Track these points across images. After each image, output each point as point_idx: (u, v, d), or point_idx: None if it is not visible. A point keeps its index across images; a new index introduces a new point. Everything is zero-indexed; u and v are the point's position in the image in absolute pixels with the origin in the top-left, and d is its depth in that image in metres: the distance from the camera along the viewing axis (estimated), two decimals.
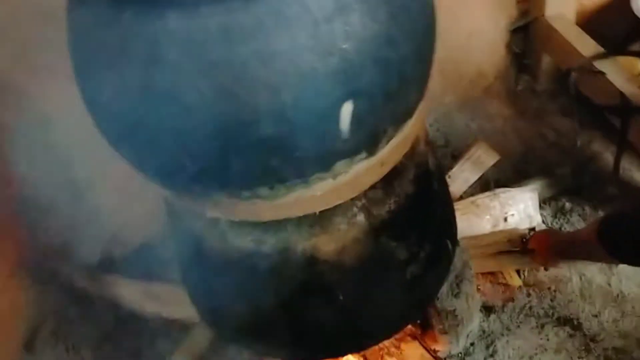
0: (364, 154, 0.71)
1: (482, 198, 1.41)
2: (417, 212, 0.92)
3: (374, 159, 0.74)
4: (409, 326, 1.20)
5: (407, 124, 0.77)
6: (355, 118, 0.64)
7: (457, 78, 1.67)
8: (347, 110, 0.64)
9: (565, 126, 1.63)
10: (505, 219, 1.40)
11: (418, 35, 0.70)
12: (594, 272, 1.34)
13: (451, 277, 1.14)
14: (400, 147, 0.80)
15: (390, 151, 0.77)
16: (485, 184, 1.52)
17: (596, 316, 1.28)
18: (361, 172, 0.74)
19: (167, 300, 1.31)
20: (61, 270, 1.33)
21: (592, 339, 1.24)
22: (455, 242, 1.08)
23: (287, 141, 0.63)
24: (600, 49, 1.47)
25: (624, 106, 1.31)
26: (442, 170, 1.23)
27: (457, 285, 1.15)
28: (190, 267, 0.95)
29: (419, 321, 1.19)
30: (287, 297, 0.86)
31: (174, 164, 0.64)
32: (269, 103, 0.59)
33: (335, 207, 0.80)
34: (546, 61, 1.69)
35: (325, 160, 0.69)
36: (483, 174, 1.54)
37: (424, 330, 1.20)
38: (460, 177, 1.52)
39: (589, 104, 1.50)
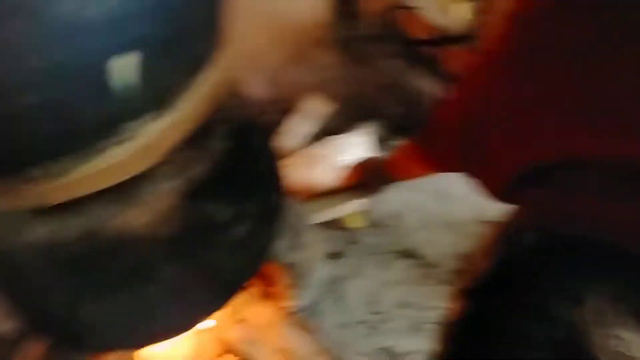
0: (153, 113, 0.66)
1: (315, 148, 1.41)
2: (236, 169, 0.89)
3: (170, 118, 0.70)
4: (255, 287, 1.19)
5: (203, 77, 0.73)
6: (133, 73, 0.59)
7: (284, 32, 1.65)
8: (121, 64, 0.59)
9: (394, 67, 1.67)
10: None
11: None
12: (431, 202, 1.40)
13: (287, 231, 1.14)
14: (203, 102, 0.77)
15: (190, 107, 0.73)
16: (322, 135, 1.53)
17: (434, 243, 1.34)
18: (159, 134, 0.70)
19: None
20: None
21: (433, 265, 1.30)
22: (284, 196, 1.08)
23: (59, 107, 0.57)
24: None
25: (438, 37, 1.36)
26: (264, 124, 1.21)
27: (295, 237, 1.15)
28: None
29: (263, 281, 1.18)
30: (100, 283, 0.81)
31: None
32: (31, 63, 0.52)
33: (141, 175, 0.75)
34: (370, 4, 1.71)
35: (108, 124, 0.63)
36: (318, 125, 1.54)
37: (270, 288, 1.19)
38: (296, 131, 1.52)
39: (411, 41, 1.55)
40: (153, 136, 0.69)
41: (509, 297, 0.46)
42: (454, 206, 1.38)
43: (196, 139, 0.81)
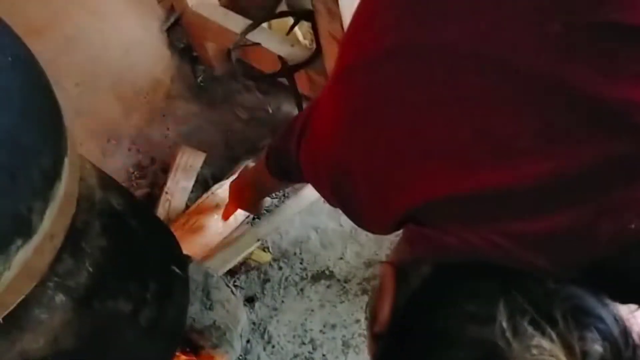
0: (19, 241, 0.64)
1: (203, 201, 1.40)
2: (124, 259, 0.88)
3: (35, 239, 0.67)
4: (184, 358, 1.17)
5: (58, 188, 0.71)
6: None
7: (134, 95, 1.62)
8: None
9: (254, 101, 1.69)
10: None
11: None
12: (326, 221, 1.43)
13: (197, 293, 1.13)
14: (65, 211, 0.74)
15: (54, 221, 0.71)
16: (204, 185, 1.52)
17: (341, 258, 1.37)
18: (30, 257, 0.67)
19: None
20: None
21: (345, 280, 1.33)
22: (183, 262, 1.06)
23: None
24: (248, 22, 1.53)
25: (284, 67, 1.39)
26: (138, 202, 1.18)
27: (207, 297, 1.14)
28: None
29: (188, 349, 1.16)
30: None
31: None
32: None
33: (26, 300, 0.72)
34: (211, 46, 1.72)
35: None
36: (198, 177, 1.53)
37: (198, 354, 1.17)
38: (178, 189, 1.50)
39: (263, 75, 1.57)
40: (25, 261, 0.67)
41: (417, 331, 0.47)
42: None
43: (72, 245, 0.78)
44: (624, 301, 0.45)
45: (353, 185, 0.56)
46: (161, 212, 1.45)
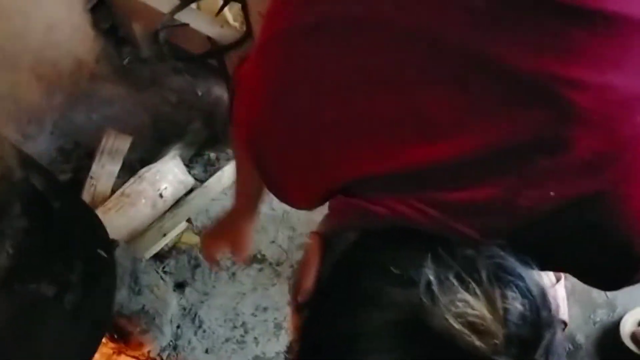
0: None
1: (130, 186, 1.37)
2: (46, 241, 0.84)
3: None
4: (112, 344, 1.14)
5: None
6: None
7: (57, 76, 1.55)
8: None
9: (182, 83, 1.66)
10: (161, 195, 1.39)
11: None
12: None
13: (125, 279, 1.10)
14: None
15: None
16: (132, 169, 1.48)
17: (273, 242, 1.37)
18: None
19: None
20: None
21: (278, 264, 1.34)
22: (110, 246, 1.03)
23: None
24: (176, 2, 1.49)
25: (214, 49, 1.37)
26: (61, 184, 1.14)
27: (135, 282, 1.11)
28: None
29: (116, 335, 1.13)
30: None
31: None
32: None
33: None
34: (138, 28, 1.67)
35: None
36: (125, 161, 1.49)
37: (127, 340, 1.15)
38: (103, 173, 1.45)
39: (191, 56, 1.54)
40: None
41: (341, 296, 0.47)
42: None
43: None
44: (545, 268, 0.47)
45: (277, 159, 0.55)
46: (86, 196, 1.40)
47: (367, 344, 0.43)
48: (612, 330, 1.30)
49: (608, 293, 1.37)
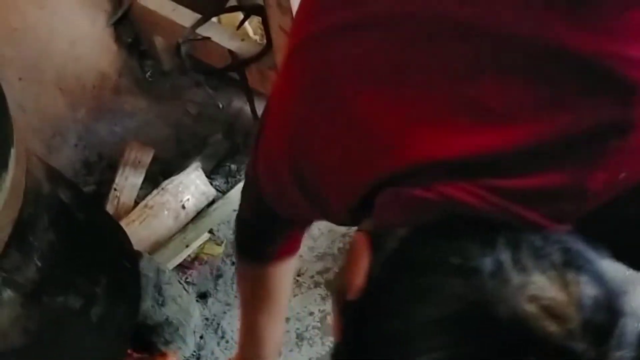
0: None
1: (153, 197, 1.39)
2: (72, 253, 0.86)
3: None
4: (136, 355, 1.15)
5: (4, 179, 0.69)
6: None
7: (81, 90, 1.58)
8: None
9: (203, 96, 1.67)
10: (184, 207, 1.40)
11: None
12: None
13: (149, 290, 1.11)
14: (12, 203, 0.72)
15: (0, 213, 0.69)
16: (154, 181, 1.50)
17: None
18: None
19: None
20: None
21: (299, 274, 1.34)
22: (134, 258, 1.05)
23: None
24: (198, 16, 1.51)
25: (235, 62, 1.39)
26: (86, 197, 1.16)
27: (159, 293, 1.12)
28: None
29: (140, 346, 1.14)
30: None
31: None
32: None
33: None
34: (160, 41, 1.70)
35: None
36: (147, 173, 1.51)
37: (151, 351, 1.16)
38: (127, 185, 1.47)
39: (212, 70, 1.56)
40: None
41: (393, 293, 0.45)
42: None
43: (20, 238, 0.76)
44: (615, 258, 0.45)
45: (317, 164, 0.54)
46: (110, 208, 1.42)
47: (423, 340, 0.41)
48: None
49: None
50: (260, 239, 0.82)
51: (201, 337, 1.25)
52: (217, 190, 1.49)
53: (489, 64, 0.44)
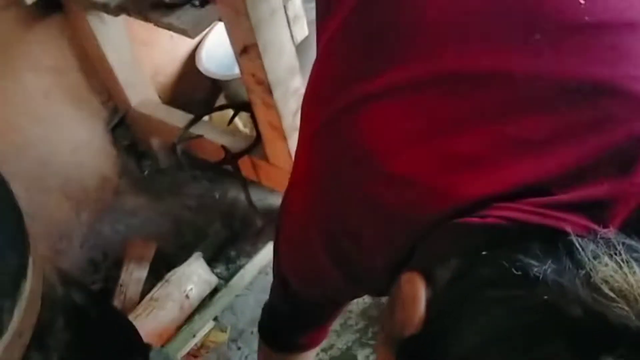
0: None
1: (157, 290, 1.44)
2: (87, 351, 0.91)
3: (6, 338, 0.71)
4: None
5: (24, 287, 0.76)
6: None
7: (84, 193, 1.67)
8: None
9: (200, 189, 1.76)
10: (187, 296, 1.46)
11: None
12: None
13: None
14: (31, 308, 0.79)
15: (21, 319, 0.75)
16: (158, 274, 1.56)
17: None
18: (1, 356, 0.71)
19: None
20: None
21: None
22: (144, 351, 1.10)
23: None
24: (190, 116, 1.62)
25: (228, 155, 1.48)
26: (97, 295, 1.22)
27: None
28: None
29: None
30: None
31: None
32: None
33: None
34: (156, 141, 1.80)
35: None
36: (151, 266, 1.57)
37: None
38: (132, 280, 1.53)
39: (208, 164, 1.65)
40: None
41: (457, 321, 0.45)
42: None
43: (38, 341, 0.82)
44: None
45: (357, 234, 0.56)
46: (117, 304, 1.47)
47: (499, 353, 0.42)
48: None
49: None
50: (291, 330, 0.86)
51: None
52: (219, 277, 1.54)
53: (515, 103, 0.50)
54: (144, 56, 1.77)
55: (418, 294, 0.48)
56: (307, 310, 0.80)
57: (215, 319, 1.48)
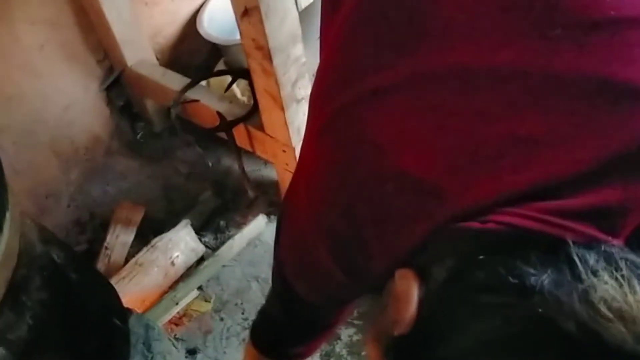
0: None
1: (142, 255, 1.42)
2: (64, 312, 0.88)
3: None
4: None
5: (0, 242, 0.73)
6: None
7: (74, 152, 1.63)
8: None
9: (193, 155, 1.73)
10: (173, 263, 1.43)
11: None
12: (267, 270, 1.47)
13: (138, 346, 1.13)
14: (6, 265, 0.76)
15: None
16: (144, 239, 1.53)
17: None
18: None
19: None
20: None
21: None
22: (124, 315, 1.07)
23: None
24: (187, 80, 1.58)
25: (223, 123, 1.45)
26: (78, 256, 1.19)
27: (148, 350, 1.14)
28: None
29: None
30: None
31: None
32: None
33: None
34: (151, 103, 1.76)
35: None
36: (138, 231, 1.54)
37: None
38: (118, 243, 1.51)
39: (202, 130, 1.62)
40: None
41: (448, 322, 0.45)
42: None
43: (12, 299, 0.79)
44: None
45: (364, 227, 0.55)
46: (101, 266, 1.45)
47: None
48: None
49: None
50: (286, 340, 0.86)
51: None
52: (206, 246, 1.52)
53: (528, 101, 0.47)
54: (144, 15, 1.73)
55: (411, 291, 0.48)
56: (308, 319, 0.80)
57: (200, 288, 1.46)
